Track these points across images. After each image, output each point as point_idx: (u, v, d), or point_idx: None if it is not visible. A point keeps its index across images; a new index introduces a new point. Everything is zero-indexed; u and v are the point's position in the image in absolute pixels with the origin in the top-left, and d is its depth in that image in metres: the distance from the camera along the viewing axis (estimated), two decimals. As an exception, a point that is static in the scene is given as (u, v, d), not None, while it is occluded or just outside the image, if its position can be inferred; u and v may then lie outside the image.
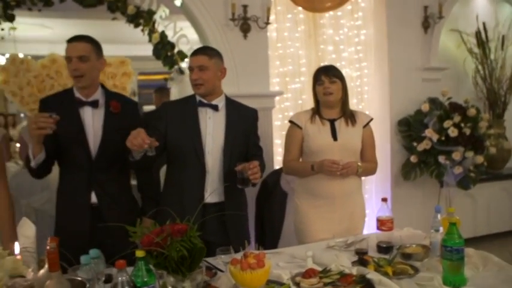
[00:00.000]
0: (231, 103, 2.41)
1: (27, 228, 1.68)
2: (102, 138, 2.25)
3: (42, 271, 1.40)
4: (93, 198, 2.26)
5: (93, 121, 2.26)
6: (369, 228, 2.69)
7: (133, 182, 2.54)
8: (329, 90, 2.48)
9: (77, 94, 2.27)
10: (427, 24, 4.29)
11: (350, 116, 2.55)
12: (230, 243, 1.86)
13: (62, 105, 2.22)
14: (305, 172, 2.52)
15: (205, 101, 2.32)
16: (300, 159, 2.61)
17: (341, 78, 2.52)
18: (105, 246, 2.15)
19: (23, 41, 5.79)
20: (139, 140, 1.92)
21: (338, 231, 2.42)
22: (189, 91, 3.79)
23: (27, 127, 2.04)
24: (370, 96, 4.39)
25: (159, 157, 2.30)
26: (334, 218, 2.51)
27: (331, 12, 4.13)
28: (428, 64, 4.35)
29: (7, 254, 1.40)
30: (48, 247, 1.36)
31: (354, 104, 4.20)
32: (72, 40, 2.22)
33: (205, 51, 2.33)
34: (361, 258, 1.91)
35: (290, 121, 2.62)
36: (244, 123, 2.39)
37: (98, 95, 2.29)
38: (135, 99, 11.20)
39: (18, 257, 1.51)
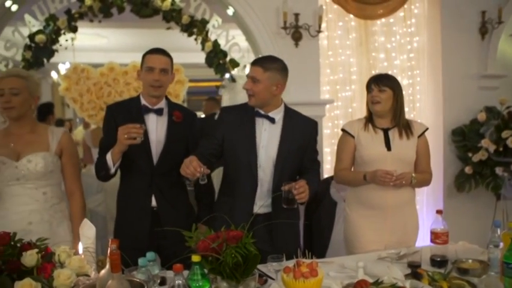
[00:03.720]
0: (289, 115, 2.33)
1: (88, 229, 1.75)
2: (165, 145, 2.32)
3: (103, 271, 1.45)
4: (153, 202, 2.33)
5: (156, 128, 2.34)
6: (420, 240, 2.62)
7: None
8: (376, 98, 2.43)
9: (143, 102, 2.35)
10: (484, 29, 4.14)
11: (405, 126, 2.49)
12: (276, 252, 1.86)
13: (128, 112, 2.32)
14: (357, 182, 2.49)
15: (262, 112, 2.28)
16: (352, 168, 2.58)
17: (393, 87, 2.45)
18: (162, 249, 2.24)
19: (79, 49, 6.10)
20: (191, 169, 1.96)
21: (389, 243, 2.36)
22: (239, 99, 3.87)
23: (118, 136, 2.12)
24: (423, 104, 4.29)
25: (216, 163, 2.36)
26: (385, 229, 2.46)
27: (383, 20, 4.09)
28: (485, 71, 4.19)
29: (73, 253, 1.48)
30: (110, 248, 1.42)
31: (405, 112, 4.10)
32: (156, 52, 2.31)
33: (262, 63, 2.24)
34: (415, 271, 1.86)
35: (342, 129, 2.59)
36: (300, 137, 2.31)
37: (163, 104, 2.38)
38: (185, 105, 11.56)
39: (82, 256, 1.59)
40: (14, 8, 3.57)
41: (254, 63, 2.26)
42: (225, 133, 2.30)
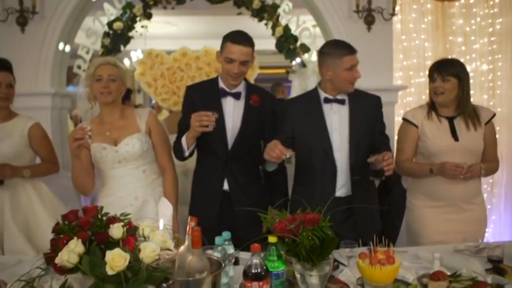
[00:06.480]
0: (353, 93, 2.32)
1: (165, 207, 1.82)
2: (240, 129, 2.33)
3: (182, 247, 1.51)
4: (225, 185, 2.37)
5: (233, 112, 2.35)
6: (496, 235, 2.48)
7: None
8: (439, 89, 2.30)
9: (221, 84, 2.36)
10: None
11: (471, 114, 2.34)
12: (358, 237, 1.84)
13: (206, 94, 2.36)
14: (422, 174, 2.39)
15: (331, 97, 2.27)
16: (413, 159, 2.48)
17: (458, 75, 2.29)
18: (233, 231, 2.29)
19: (150, 37, 6.32)
20: (277, 152, 1.95)
21: (457, 234, 2.26)
22: (309, 84, 3.83)
23: (191, 123, 2.17)
24: (504, 91, 4.02)
25: None
26: (451, 220, 2.36)
27: (462, 1, 3.87)
28: None
29: (157, 228, 1.55)
30: (189, 226, 1.48)
31: (484, 100, 3.91)
32: (239, 42, 2.23)
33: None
34: (497, 267, 1.78)
35: (404, 118, 2.48)
36: (368, 112, 2.31)
37: (241, 88, 2.37)
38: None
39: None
40: (95, -3, 3.75)
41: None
42: (294, 124, 2.30)
